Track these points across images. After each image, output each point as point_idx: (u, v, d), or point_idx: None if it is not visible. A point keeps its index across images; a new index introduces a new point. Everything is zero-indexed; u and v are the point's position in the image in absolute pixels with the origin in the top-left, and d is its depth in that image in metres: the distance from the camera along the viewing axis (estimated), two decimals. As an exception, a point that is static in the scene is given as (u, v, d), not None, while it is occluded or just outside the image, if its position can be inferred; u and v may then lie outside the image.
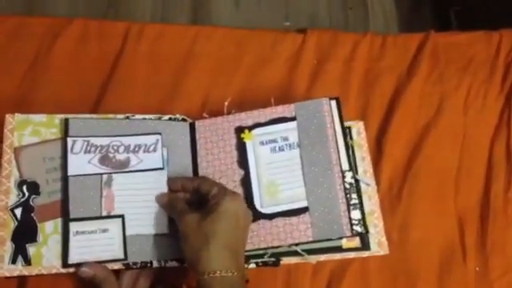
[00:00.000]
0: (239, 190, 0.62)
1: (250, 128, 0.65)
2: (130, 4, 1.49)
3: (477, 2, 1.39)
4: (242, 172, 0.63)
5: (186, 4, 1.52)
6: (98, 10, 1.44)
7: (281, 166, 0.63)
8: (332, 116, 0.64)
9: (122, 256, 0.57)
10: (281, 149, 0.63)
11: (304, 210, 0.60)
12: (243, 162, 0.63)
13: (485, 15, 1.29)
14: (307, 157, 0.62)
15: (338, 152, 0.62)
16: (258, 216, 0.61)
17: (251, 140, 0.64)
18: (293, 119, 0.64)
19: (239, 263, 0.54)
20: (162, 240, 0.59)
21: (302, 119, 0.64)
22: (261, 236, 0.60)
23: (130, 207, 0.59)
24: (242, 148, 0.64)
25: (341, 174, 0.61)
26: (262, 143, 0.64)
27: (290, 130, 0.64)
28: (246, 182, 0.62)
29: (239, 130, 0.64)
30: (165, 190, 0.61)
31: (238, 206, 0.56)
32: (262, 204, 0.61)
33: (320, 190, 0.61)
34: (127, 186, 0.60)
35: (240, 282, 0.52)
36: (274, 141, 0.64)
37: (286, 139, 0.64)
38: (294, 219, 0.60)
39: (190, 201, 0.59)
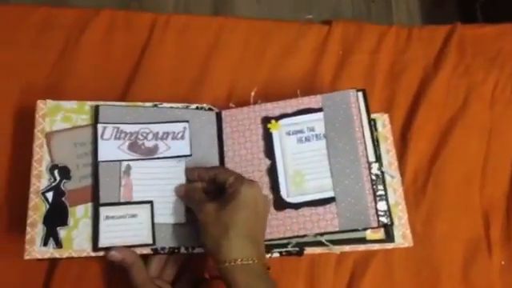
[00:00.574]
0: (265, 180, 0.62)
1: (277, 118, 0.65)
2: (153, -2, 1.51)
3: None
4: (268, 162, 0.63)
5: (209, -3, 1.53)
6: (121, 3, 1.45)
7: (307, 157, 0.63)
8: (359, 108, 0.64)
9: (150, 241, 0.57)
10: (307, 139, 0.64)
11: (330, 200, 0.60)
12: (270, 151, 0.63)
13: (510, 8, 1.27)
14: (334, 148, 0.62)
15: (365, 143, 0.62)
16: (284, 205, 0.61)
17: (278, 130, 0.64)
18: (319, 110, 0.64)
19: (259, 251, 0.54)
20: (181, 229, 0.59)
21: (328, 110, 0.64)
22: (287, 225, 0.60)
23: (148, 196, 0.59)
24: (268, 138, 0.64)
25: (367, 166, 0.61)
26: (288, 133, 0.64)
27: (316, 120, 0.64)
28: (272, 171, 0.63)
29: (266, 120, 0.65)
30: (183, 179, 0.61)
31: (256, 193, 0.56)
32: (289, 193, 0.61)
33: (347, 180, 0.61)
34: (145, 175, 0.60)
35: (261, 270, 0.53)
36: (301, 131, 0.64)
37: (312, 130, 0.64)
38: (320, 209, 0.60)
39: (208, 190, 0.60)
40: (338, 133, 0.63)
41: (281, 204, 0.61)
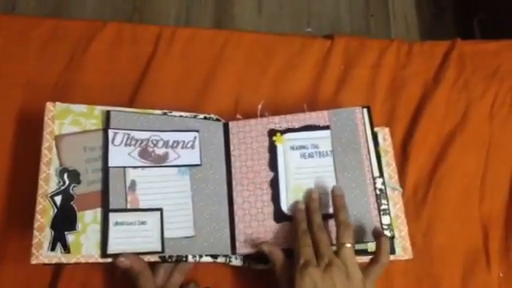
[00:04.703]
0: (268, 191, 0.63)
1: (283, 132, 0.66)
2: (155, 10, 1.51)
3: (501, 10, 1.38)
4: (271, 174, 0.64)
5: (210, 10, 1.54)
6: (123, 15, 1.45)
7: (309, 172, 0.64)
8: (364, 124, 0.66)
9: (159, 249, 0.57)
10: (310, 156, 0.65)
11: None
12: (273, 163, 0.65)
13: (509, 24, 1.29)
14: (340, 163, 0.64)
15: (370, 159, 0.64)
16: (282, 217, 0.62)
17: (282, 144, 0.65)
18: (325, 128, 0.66)
19: None
20: (190, 239, 0.60)
21: (335, 126, 0.66)
22: (283, 237, 0.61)
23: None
24: (273, 150, 0.65)
25: (372, 181, 0.63)
26: (292, 148, 0.65)
27: (321, 138, 0.65)
28: (274, 183, 0.64)
29: (272, 133, 0.66)
30: (189, 193, 0.61)
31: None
32: (288, 206, 0.63)
33: (353, 194, 0.62)
34: (151, 189, 0.60)
35: None
36: (305, 147, 0.65)
37: (316, 147, 0.65)
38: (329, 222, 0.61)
39: None
40: (345, 148, 0.64)
41: (280, 216, 0.62)
